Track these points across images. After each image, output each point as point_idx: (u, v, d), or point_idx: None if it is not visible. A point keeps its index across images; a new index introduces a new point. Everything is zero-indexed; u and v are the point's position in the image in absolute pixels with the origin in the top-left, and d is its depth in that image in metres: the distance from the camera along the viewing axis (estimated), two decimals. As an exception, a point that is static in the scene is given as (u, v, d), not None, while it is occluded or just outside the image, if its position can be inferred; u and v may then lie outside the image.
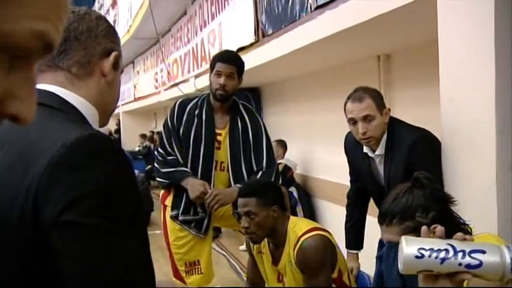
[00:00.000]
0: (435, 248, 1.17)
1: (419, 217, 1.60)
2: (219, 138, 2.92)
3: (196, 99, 2.98)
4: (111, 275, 0.84)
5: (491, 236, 1.68)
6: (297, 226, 2.31)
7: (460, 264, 1.13)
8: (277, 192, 2.42)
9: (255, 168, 2.91)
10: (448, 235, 1.58)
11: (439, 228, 1.41)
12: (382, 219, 1.71)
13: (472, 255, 1.13)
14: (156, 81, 10.29)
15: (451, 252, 1.15)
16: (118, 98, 1.18)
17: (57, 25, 0.39)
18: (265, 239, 2.42)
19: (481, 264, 1.13)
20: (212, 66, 2.88)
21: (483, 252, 1.14)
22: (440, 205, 1.63)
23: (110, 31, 1.11)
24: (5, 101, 0.38)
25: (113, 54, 1.09)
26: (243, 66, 2.93)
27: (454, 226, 1.64)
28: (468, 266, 1.13)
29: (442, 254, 1.15)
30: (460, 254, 1.14)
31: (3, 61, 0.37)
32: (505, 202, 1.90)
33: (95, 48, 1.06)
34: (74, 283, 0.84)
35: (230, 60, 2.87)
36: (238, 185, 2.73)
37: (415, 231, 1.57)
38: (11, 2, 0.35)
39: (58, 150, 0.82)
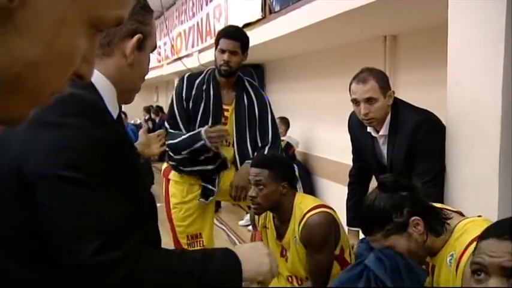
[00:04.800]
0: None
1: (396, 217, 1.66)
2: (225, 113, 2.95)
3: (204, 74, 2.99)
4: (90, 229, 0.92)
5: (482, 220, 1.72)
6: (303, 203, 2.35)
7: None
8: (289, 169, 2.47)
9: (259, 144, 2.94)
10: (429, 222, 1.66)
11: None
12: (365, 232, 1.77)
13: None
14: (159, 54, 10.24)
15: None
16: (143, 76, 1.19)
17: (129, 8, 0.49)
18: (271, 214, 2.47)
19: None
20: (216, 42, 2.89)
21: None
22: (410, 197, 1.69)
23: (138, 11, 1.11)
24: (80, 64, 0.47)
25: (136, 36, 1.10)
26: (248, 41, 2.92)
27: (432, 211, 1.69)
28: None
29: None
30: None
31: (89, 34, 0.46)
32: (507, 186, 1.93)
33: (117, 30, 1.08)
34: (53, 232, 0.91)
35: (234, 36, 2.86)
36: (248, 161, 2.76)
37: (398, 232, 1.66)
38: None
39: (37, 109, 0.88)
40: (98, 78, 1.07)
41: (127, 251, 0.94)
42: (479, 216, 1.76)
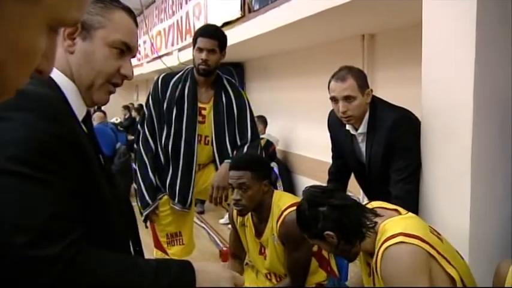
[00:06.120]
0: None
1: (312, 228, 1.84)
2: (203, 112, 2.93)
3: (181, 73, 2.97)
4: (25, 222, 0.88)
5: (400, 218, 1.79)
6: (281, 200, 2.37)
7: None
8: (268, 167, 2.49)
9: (238, 142, 2.93)
10: (343, 236, 1.79)
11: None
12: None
13: None
14: (139, 53, 10.19)
15: None
16: (97, 70, 1.12)
17: (85, 11, 0.54)
18: (249, 213, 2.47)
19: None
20: (194, 41, 2.87)
21: None
22: (326, 213, 1.81)
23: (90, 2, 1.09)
24: (41, 60, 0.50)
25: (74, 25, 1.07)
26: (226, 40, 2.91)
27: (348, 227, 1.79)
28: None
29: None
30: None
31: (49, 34, 0.49)
32: (478, 182, 1.98)
33: None
34: None
35: (211, 34, 2.85)
36: (227, 161, 2.76)
37: (317, 238, 1.87)
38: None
39: None
40: (57, 76, 1.07)
41: (63, 249, 0.90)
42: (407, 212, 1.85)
